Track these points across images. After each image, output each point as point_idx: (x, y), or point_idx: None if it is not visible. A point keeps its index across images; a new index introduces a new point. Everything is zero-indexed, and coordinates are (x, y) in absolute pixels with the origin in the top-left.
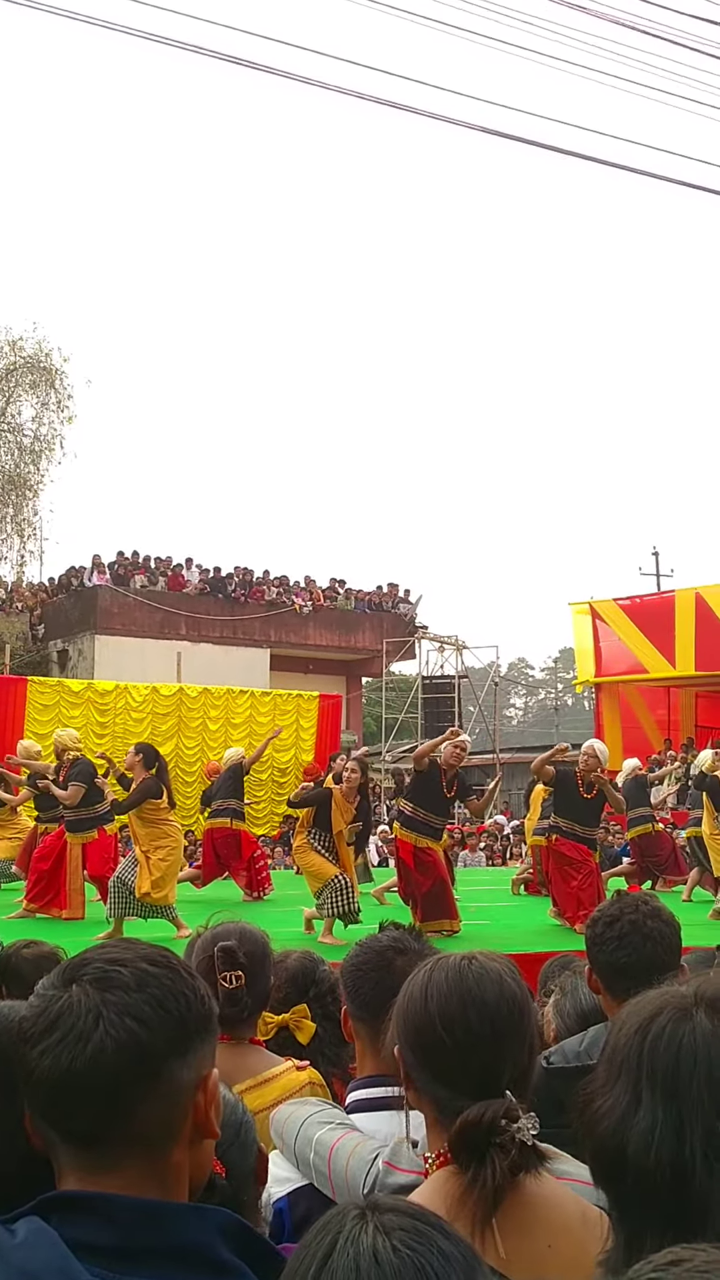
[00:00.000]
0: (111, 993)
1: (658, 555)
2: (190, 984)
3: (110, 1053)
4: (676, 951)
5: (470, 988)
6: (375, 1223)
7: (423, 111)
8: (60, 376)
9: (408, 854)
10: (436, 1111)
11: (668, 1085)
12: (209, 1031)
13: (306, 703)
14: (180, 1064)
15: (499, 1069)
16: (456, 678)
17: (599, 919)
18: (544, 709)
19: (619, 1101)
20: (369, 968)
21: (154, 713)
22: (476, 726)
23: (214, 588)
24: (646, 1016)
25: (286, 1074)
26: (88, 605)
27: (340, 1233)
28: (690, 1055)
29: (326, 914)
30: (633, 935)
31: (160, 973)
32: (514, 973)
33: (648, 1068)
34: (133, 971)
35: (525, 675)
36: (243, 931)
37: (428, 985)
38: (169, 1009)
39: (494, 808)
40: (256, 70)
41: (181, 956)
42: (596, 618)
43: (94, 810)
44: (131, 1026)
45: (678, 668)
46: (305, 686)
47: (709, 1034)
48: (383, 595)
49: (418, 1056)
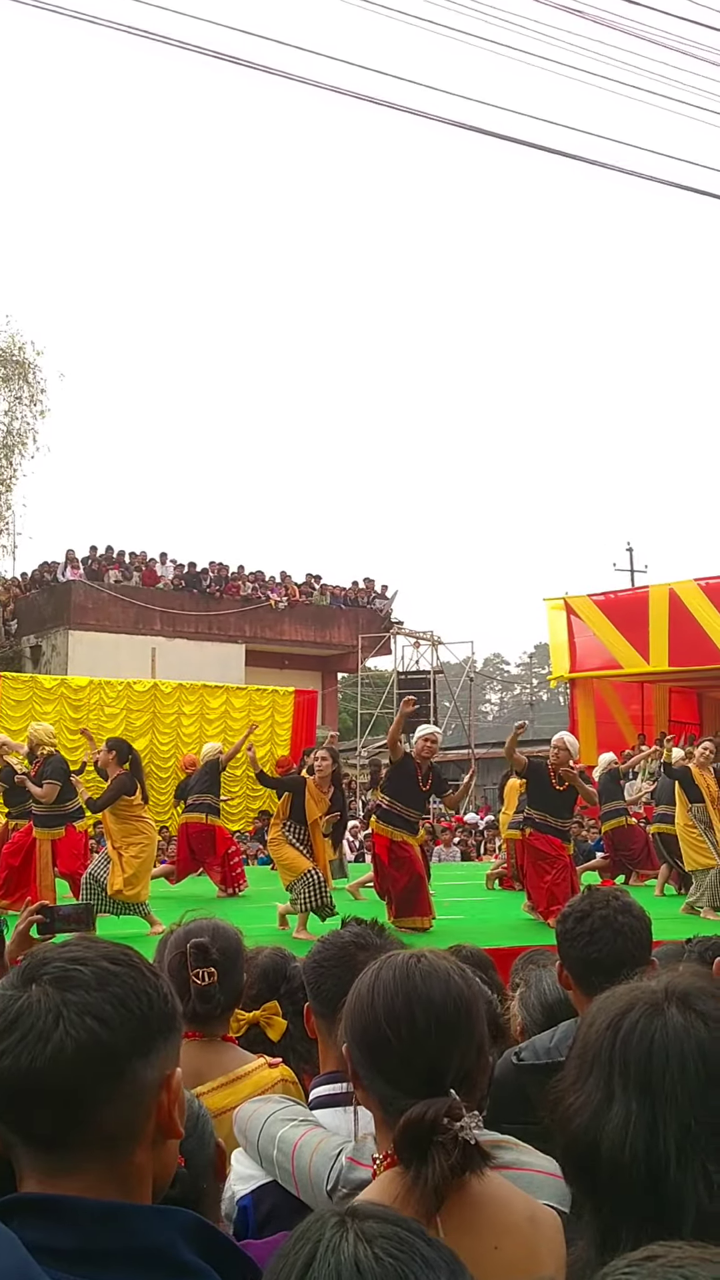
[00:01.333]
0: (72, 992)
1: (632, 551)
2: (153, 982)
3: (71, 1053)
4: (647, 947)
5: (417, 986)
6: (356, 1230)
7: (420, 112)
8: (33, 370)
9: (383, 849)
10: (383, 1110)
11: (641, 1080)
12: (172, 1030)
13: (282, 698)
14: (143, 1064)
15: (444, 1068)
16: (432, 673)
17: (570, 914)
18: (519, 704)
19: (591, 1098)
20: (330, 964)
21: (128, 709)
22: (452, 722)
23: (189, 583)
24: (617, 1012)
25: (258, 1071)
26: (61, 600)
27: (320, 1241)
28: (663, 1050)
29: (299, 908)
30: (604, 930)
31: (122, 971)
32: (463, 971)
33: (620, 1063)
34: (94, 970)
35: (500, 671)
36: (215, 928)
37: (374, 983)
38: (131, 1008)
39: (469, 802)
40: (250, 69)
41: (155, 953)
42: (571, 613)
43: (64, 807)
44: (92, 1026)
45: (651, 663)
46: (281, 682)
47: (680, 1029)
48: (358, 591)
49: (364, 1054)
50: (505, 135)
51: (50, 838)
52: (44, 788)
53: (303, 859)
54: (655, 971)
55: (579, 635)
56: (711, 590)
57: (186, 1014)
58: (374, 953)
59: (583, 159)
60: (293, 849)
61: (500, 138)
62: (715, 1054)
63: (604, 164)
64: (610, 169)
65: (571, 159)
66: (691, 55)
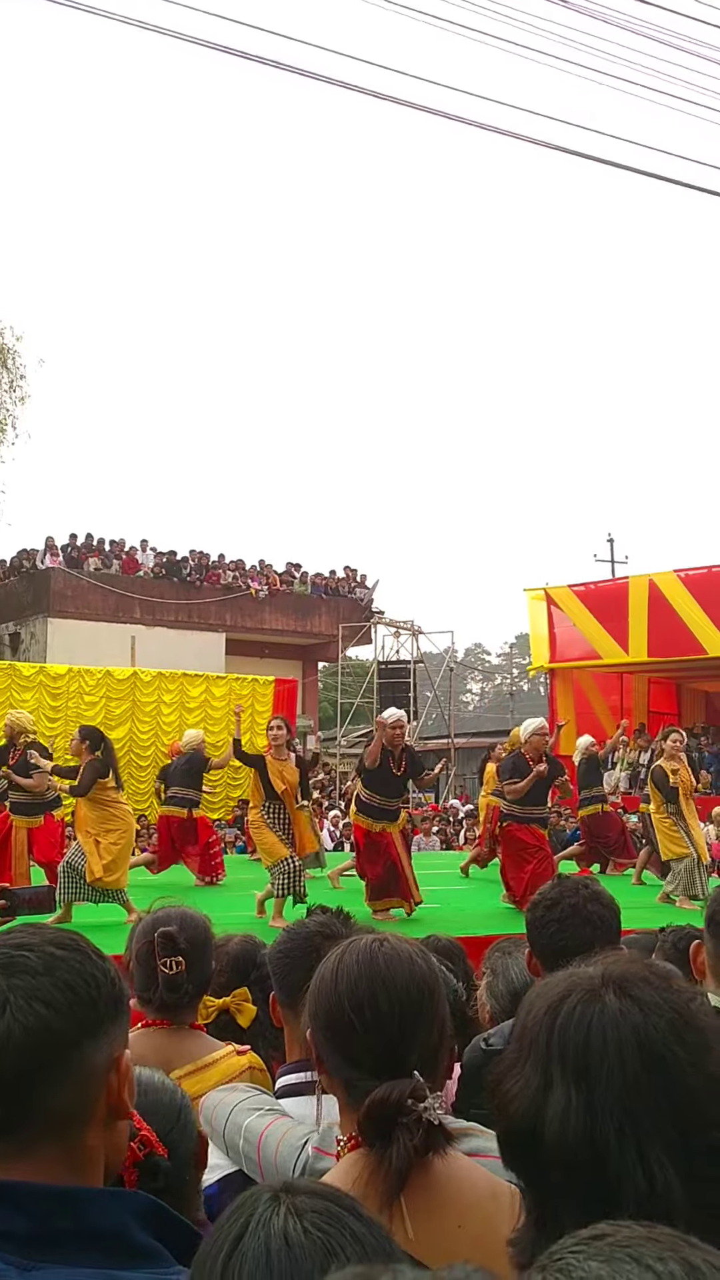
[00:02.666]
0: (17, 977)
1: (612, 542)
2: (99, 965)
3: (19, 1039)
4: (616, 935)
5: (380, 969)
6: (288, 1205)
7: (419, 106)
8: (13, 356)
9: (360, 837)
10: (347, 1094)
11: (578, 1065)
12: (120, 1012)
13: (262, 687)
14: (92, 1047)
15: (407, 1050)
16: (412, 663)
17: (539, 902)
18: (499, 694)
19: (530, 1083)
20: (296, 954)
21: (107, 697)
22: (432, 712)
23: (169, 571)
24: (555, 998)
25: (226, 1059)
26: (40, 588)
27: (253, 1215)
28: (600, 1035)
29: (278, 893)
30: (572, 918)
31: (68, 955)
32: (425, 955)
33: (558, 1049)
34: (39, 956)
35: (481, 661)
36: (183, 916)
37: (338, 967)
38: (79, 992)
39: (449, 791)
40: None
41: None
42: (551, 604)
43: (43, 795)
44: (40, 1011)
45: (631, 654)
46: (261, 671)
47: (617, 1013)
48: (339, 580)
49: (328, 1039)
50: (503, 129)
51: (27, 825)
52: (33, 778)
53: (281, 845)
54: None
55: (559, 625)
56: (691, 582)
57: (154, 1002)
58: (339, 942)
59: (573, 151)
60: (272, 834)
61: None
62: (651, 1040)
63: (595, 157)
64: (601, 162)
65: (558, 150)
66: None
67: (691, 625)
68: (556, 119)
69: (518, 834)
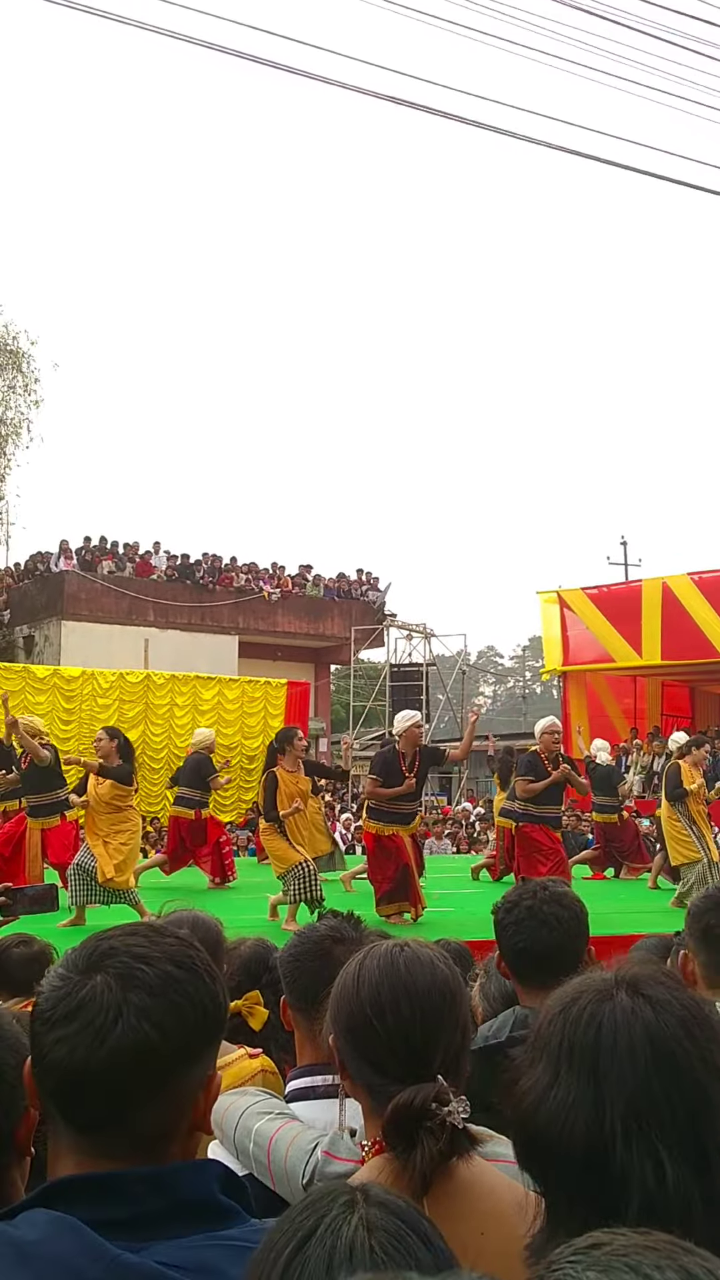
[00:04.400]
0: (134, 993)
1: (626, 545)
2: (210, 989)
3: (125, 1054)
4: (580, 937)
5: (401, 974)
6: (362, 1215)
7: (422, 106)
8: (27, 360)
9: (370, 841)
10: (371, 1099)
11: (587, 1061)
12: (219, 1035)
13: (274, 690)
14: (187, 1070)
15: (430, 1054)
16: (425, 665)
17: (501, 905)
18: (512, 697)
19: (540, 1080)
20: (307, 957)
21: (120, 699)
22: (445, 715)
23: (182, 574)
24: (569, 999)
25: (239, 1062)
26: (54, 591)
27: (325, 1217)
28: (610, 1031)
29: (291, 899)
30: (529, 921)
31: (184, 977)
32: (446, 959)
33: (567, 1045)
34: (158, 973)
35: (494, 663)
36: (195, 920)
37: (359, 973)
38: (187, 1017)
39: (460, 793)
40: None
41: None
42: (564, 606)
43: (56, 795)
44: (149, 1032)
45: (644, 657)
46: (273, 674)
47: (629, 1011)
48: (351, 583)
49: (351, 1044)
50: (507, 130)
51: (42, 827)
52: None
53: (293, 851)
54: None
55: (572, 628)
56: (705, 584)
57: None
58: (350, 945)
59: (574, 152)
60: (282, 840)
61: (499, 131)
62: (662, 1037)
63: (599, 158)
64: (606, 163)
65: (561, 151)
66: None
67: (705, 628)
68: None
69: (532, 835)
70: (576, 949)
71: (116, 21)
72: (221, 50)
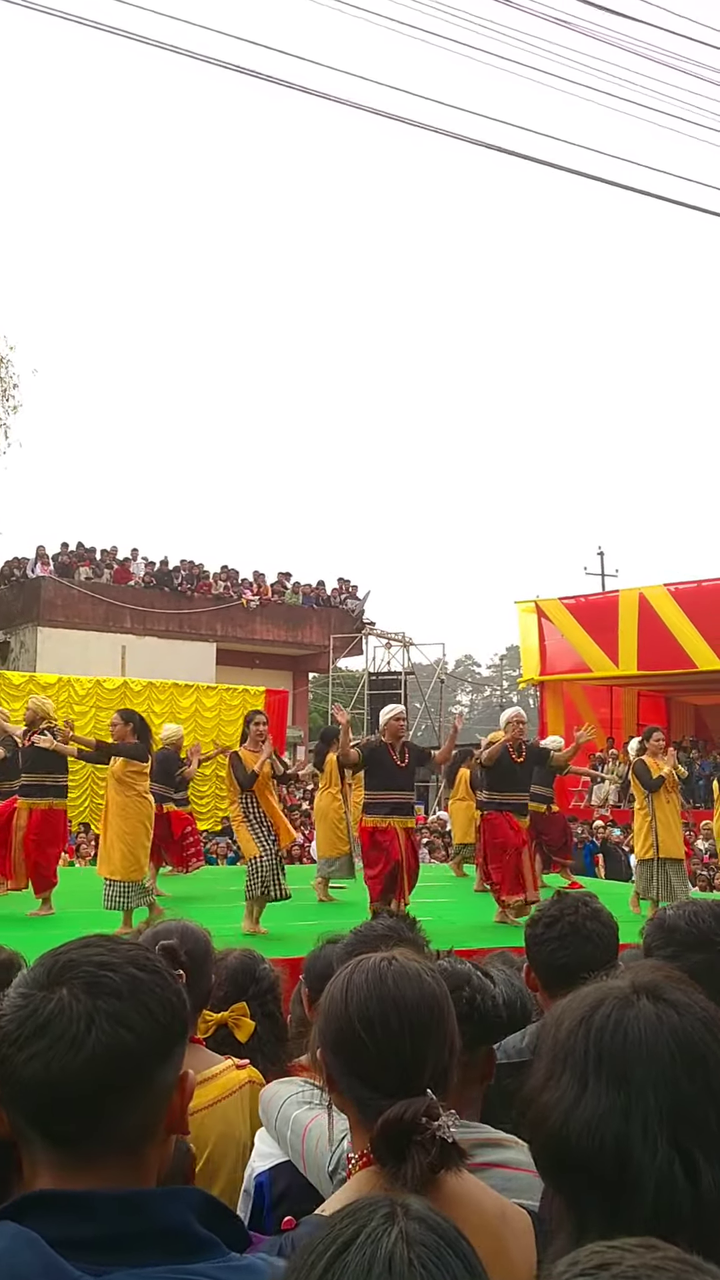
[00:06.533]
0: (103, 999)
1: (603, 555)
2: (175, 989)
3: (102, 1061)
4: (614, 952)
5: (389, 988)
6: (402, 1228)
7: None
8: (6, 365)
9: (366, 838)
10: (359, 1113)
11: (616, 1070)
12: (187, 1034)
13: (253, 698)
14: (162, 1069)
15: (419, 1068)
16: (403, 674)
17: (540, 919)
18: (489, 706)
19: (566, 1095)
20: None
21: (97, 706)
22: (422, 723)
23: (160, 581)
24: (588, 1008)
25: (226, 1073)
26: (31, 597)
27: (366, 1227)
28: (638, 1039)
29: (248, 896)
30: (573, 937)
31: (149, 979)
32: (433, 972)
33: (594, 1055)
34: (123, 978)
35: (471, 673)
36: (184, 930)
37: (348, 987)
38: (157, 1017)
39: (437, 802)
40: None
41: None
42: (542, 616)
43: (57, 779)
44: (123, 1035)
45: (620, 667)
46: (252, 681)
47: (653, 1018)
48: (330, 591)
49: (339, 1058)
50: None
51: (30, 807)
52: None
53: (253, 844)
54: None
55: (549, 638)
56: (681, 595)
57: None
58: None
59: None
60: (248, 831)
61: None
62: (690, 1040)
63: (579, 172)
64: (585, 177)
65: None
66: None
67: (681, 639)
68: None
69: (495, 822)
70: (610, 964)
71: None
72: (223, 66)
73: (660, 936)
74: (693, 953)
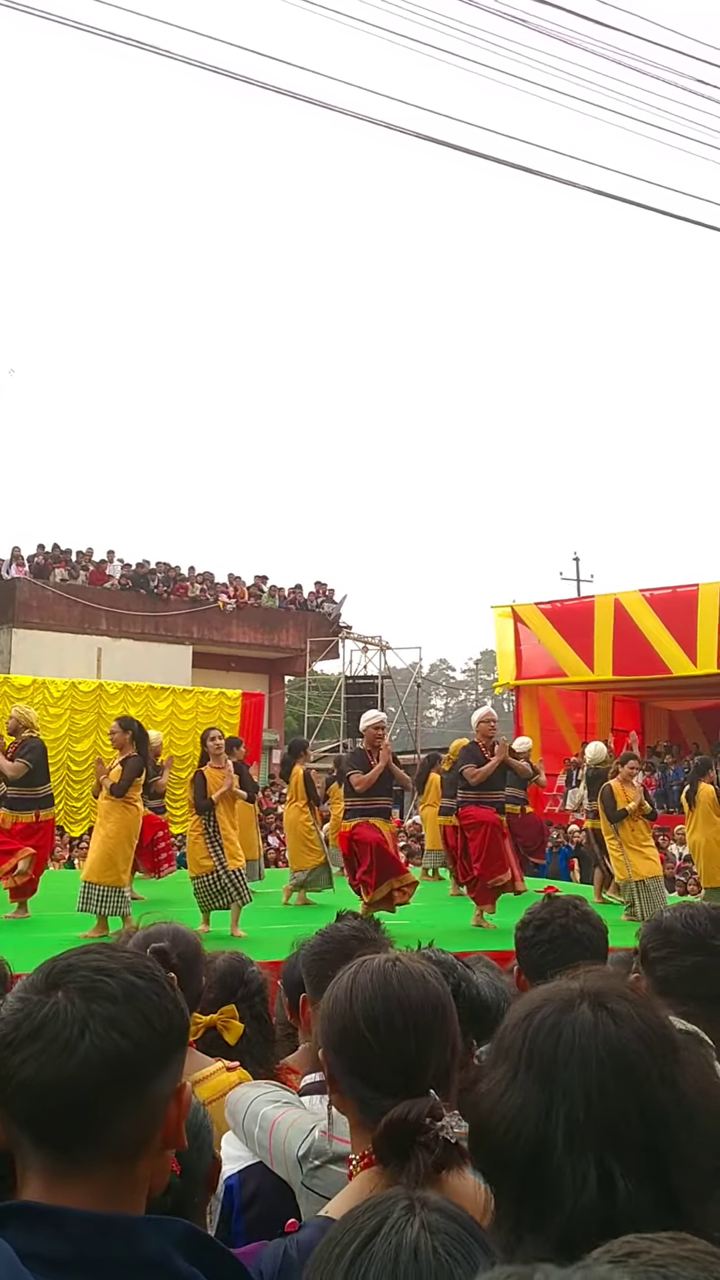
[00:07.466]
0: (98, 1004)
1: (578, 560)
2: (172, 997)
3: (95, 1066)
4: (603, 955)
5: (394, 988)
6: (423, 1219)
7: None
8: None
9: (345, 844)
10: (360, 1113)
11: (543, 1068)
12: (184, 1043)
13: (229, 701)
14: (158, 1078)
15: (422, 1068)
16: (379, 678)
17: (530, 921)
18: (464, 710)
19: (498, 1082)
20: (330, 955)
21: (72, 709)
22: (398, 726)
23: (136, 582)
24: (535, 1006)
25: (216, 1075)
26: (5, 598)
27: (388, 1219)
28: (569, 1043)
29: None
30: (562, 939)
31: (146, 986)
32: (437, 974)
33: (526, 1052)
34: (119, 983)
35: (446, 676)
36: (175, 933)
37: (352, 987)
38: (154, 1024)
39: (412, 807)
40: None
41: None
42: (518, 621)
43: (35, 791)
44: (117, 1040)
45: (595, 672)
46: (228, 684)
47: (589, 1024)
48: (307, 594)
49: (342, 1058)
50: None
51: (14, 820)
52: (15, 764)
53: (207, 860)
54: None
55: (525, 643)
56: (656, 601)
57: None
58: (372, 946)
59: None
60: (200, 849)
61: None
62: (623, 1050)
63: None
64: (575, 186)
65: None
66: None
67: (656, 645)
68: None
69: (471, 813)
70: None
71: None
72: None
73: (657, 938)
74: (689, 955)
